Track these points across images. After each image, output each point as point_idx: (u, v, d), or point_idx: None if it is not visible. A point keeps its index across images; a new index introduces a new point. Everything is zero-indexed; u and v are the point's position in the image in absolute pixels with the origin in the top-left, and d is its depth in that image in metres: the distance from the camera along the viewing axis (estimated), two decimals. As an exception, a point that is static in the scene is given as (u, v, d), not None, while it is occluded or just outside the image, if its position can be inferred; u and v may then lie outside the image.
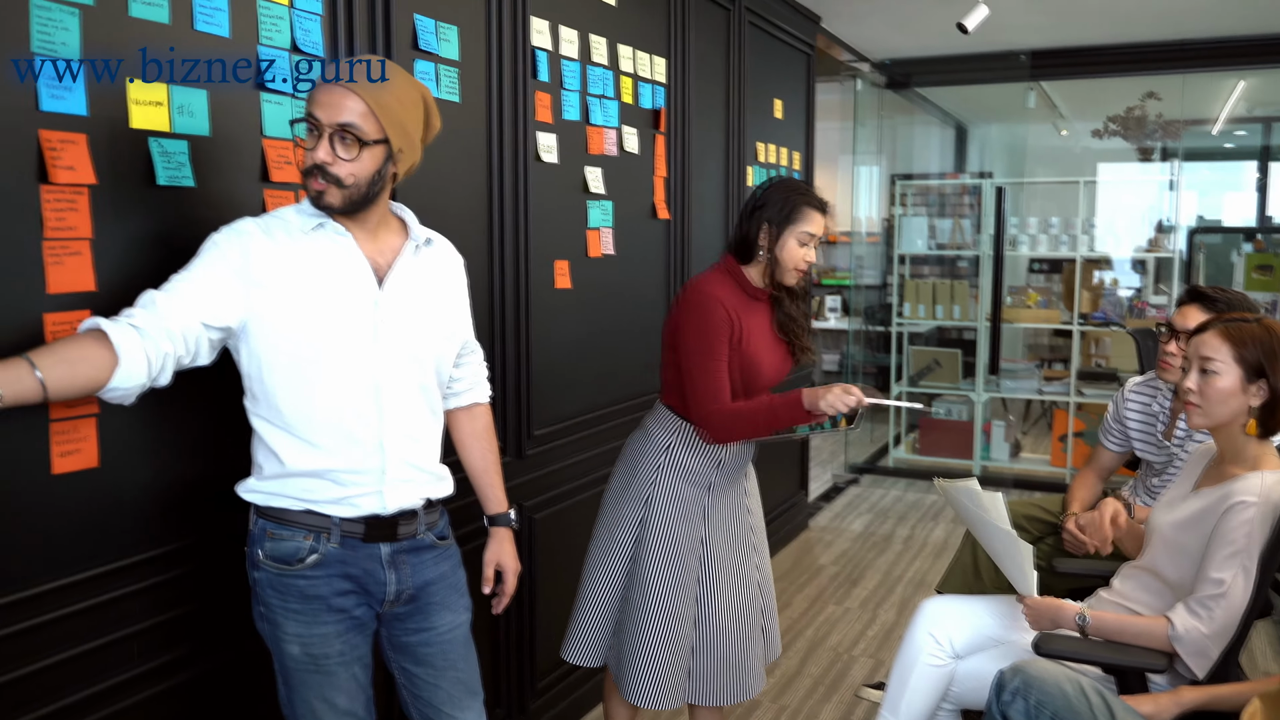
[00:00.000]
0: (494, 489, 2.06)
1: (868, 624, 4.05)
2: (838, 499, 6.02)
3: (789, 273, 2.40)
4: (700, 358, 2.30)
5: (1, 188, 1.55)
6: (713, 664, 2.47)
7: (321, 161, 1.64)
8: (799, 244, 2.38)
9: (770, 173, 4.71)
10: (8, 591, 1.59)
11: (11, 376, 1.40)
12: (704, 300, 2.33)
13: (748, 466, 2.60)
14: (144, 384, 1.54)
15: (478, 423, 2.05)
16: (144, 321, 1.55)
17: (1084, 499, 3.00)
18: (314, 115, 1.64)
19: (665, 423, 2.46)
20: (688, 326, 2.34)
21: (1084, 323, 6.30)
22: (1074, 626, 2.16)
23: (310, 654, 1.74)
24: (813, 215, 2.38)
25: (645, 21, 3.48)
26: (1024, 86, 6.91)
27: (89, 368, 1.48)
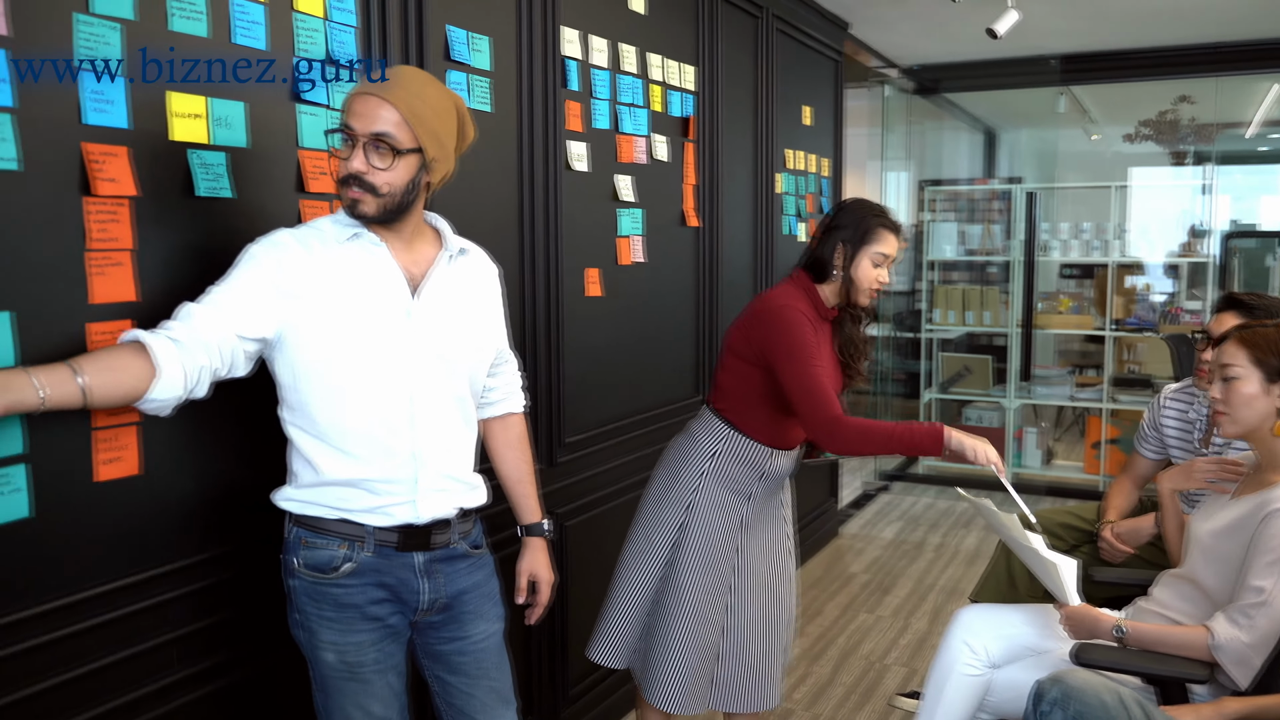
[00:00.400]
0: (528, 499, 2.07)
1: (900, 632, 4.03)
2: (868, 506, 5.98)
3: (863, 292, 2.42)
4: (803, 368, 2.29)
5: (47, 200, 1.57)
6: (737, 672, 2.47)
7: (357, 171, 1.66)
8: (873, 264, 2.40)
9: (800, 180, 4.71)
10: (53, 597, 1.62)
11: (54, 380, 1.42)
12: (792, 315, 2.33)
13: (788, 480, 2.60)
14: (180, 396, 1.56)
15: (511, 432, 2.05)
16: (182, 335, 1.56)
17: (1120, 507, 2.97)
18: (349, 125, 1.66)
19: (713, 429, 2.46)
20: (779, 341, 2.32)
21: (1117, 328, 6.23)
22: (1111, 636, 2.14)
23: (345, 662, 1.75)
24: (887, 236, 2.40)
25: (674, 30, 3.49)
26: (1054, 91, 6.85)
27: (129, 377, 1.50)
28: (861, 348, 2.52)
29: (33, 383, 1.39)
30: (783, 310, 2.35)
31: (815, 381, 2.27)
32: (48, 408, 1.41)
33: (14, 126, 1.52)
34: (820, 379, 2.28)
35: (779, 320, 2.34)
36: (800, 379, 2.28)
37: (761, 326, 2.37)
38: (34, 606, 1.59)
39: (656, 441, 3.44)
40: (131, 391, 1.51)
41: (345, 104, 1.68)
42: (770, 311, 2.36)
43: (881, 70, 6.44)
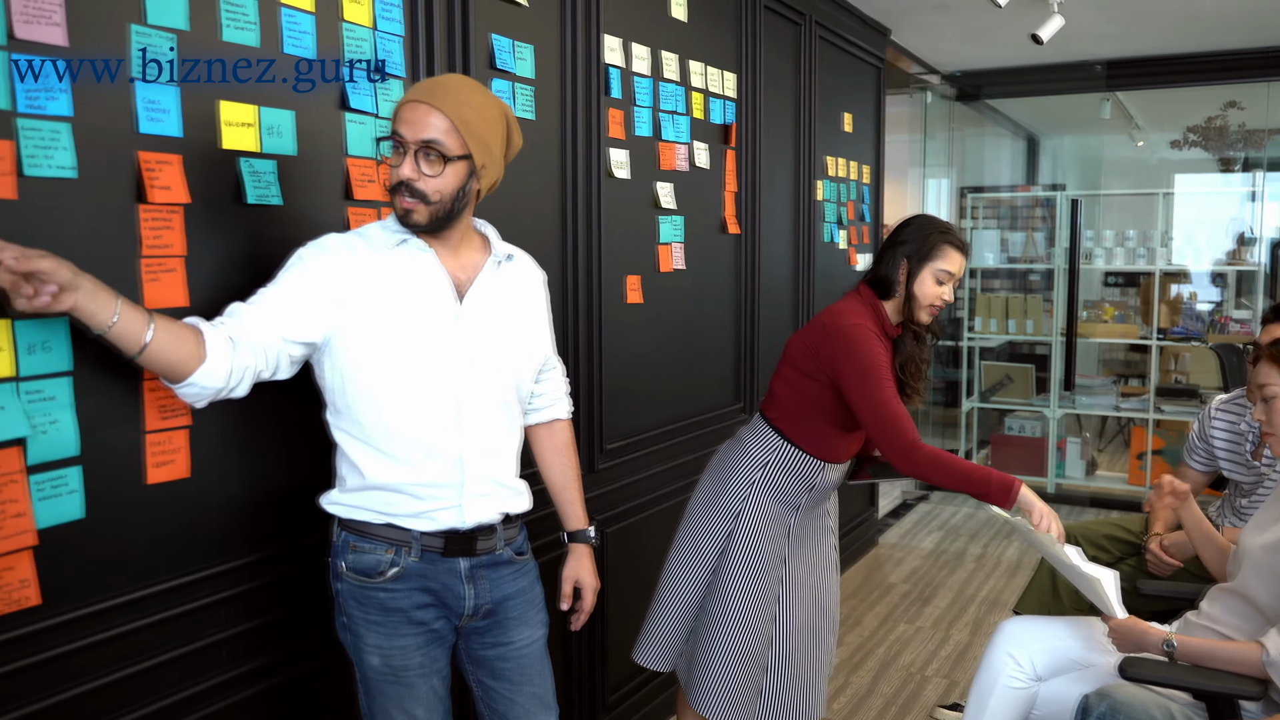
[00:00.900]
0: (574, 505, 2.07)
1: (940, 643, 3.99)
2: (907, 516, 5.94)
3: (923, 309, 2.40)
4: (876, 390, 2.26)
5: (102, 207, 1.60)
6: (784, 684, 2.46)
7: (407, 178, 1.67)
8: (936, 281, 2.38)
9: (840, 187, 4.69)
10: (105, 597, 1.65)
11: (130, 316, 1.45)
12: (863, 333, 2.32)
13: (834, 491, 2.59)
14: (218, 389, 1.58)
15: (558, 438, 2.06)
16: (236, 333, 1.59)
17: (1168, 520, 2.92)
18: (399, 133, 1.68)
19: (764, 438, 2.45)
20: (852, 361, 2.30)
21: (1163, 337, 6.14)
22: (1160, 650, 2.11)
23: (390, 665, 1.76)
24: (952, 254, 2.38)
25: (716, 37, 3.49)
26: (1099, 97, 6.77)
27: (184, 352, 1.52)
28: (921, 367, 2.49)
29: (114, 306, 1.43)
30: (855, 329, 2.32)
31: (889, 404, 2.25)
32: (108, 337, 1.44)
33: (71, 135, 1.55)
34: (895, 401, 2.27)
35: (851, 339, 2.31)
36: (875, 401, 2.26)
37: (832, 343, 2.34)
38: (87, 606, 1.62)
39: (696, 449, 3.44)
40: (180, 365, 1.52)
41: (395, 112, 1.70)
42: (842, 330, 2.33)
43: (923, 76, 6.41)
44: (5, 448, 1.48)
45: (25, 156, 1.49)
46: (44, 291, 1.35)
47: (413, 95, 1.68)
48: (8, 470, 1.48)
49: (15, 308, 1.37)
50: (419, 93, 1.68)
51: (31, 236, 1.49)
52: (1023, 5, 4.53)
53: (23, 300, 1.35)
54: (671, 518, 2.66)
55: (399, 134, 1.67)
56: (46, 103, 1.51)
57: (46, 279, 1.35)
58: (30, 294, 1.35)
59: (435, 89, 1.68)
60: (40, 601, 1.55)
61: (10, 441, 1.48)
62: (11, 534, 1.49)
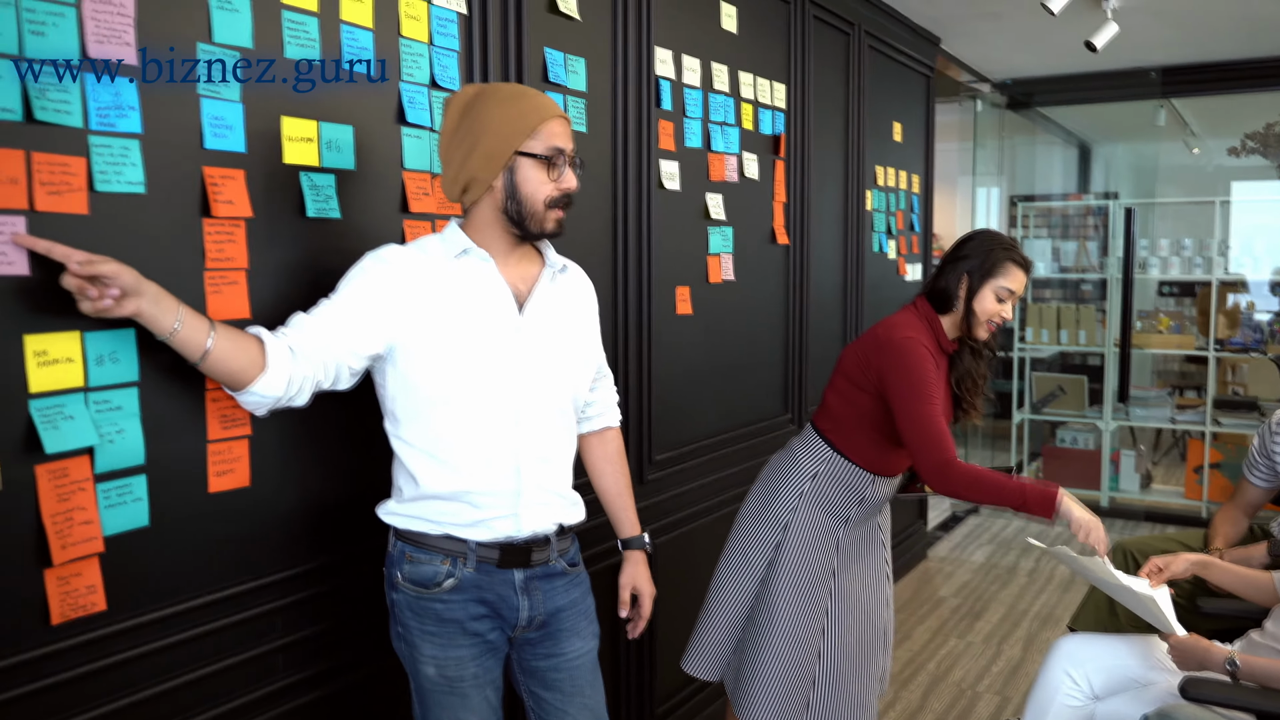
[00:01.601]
0: (627, 511, 2.08)
1: (992, 659, 3.94)
2: (957, 529, 5.87)
3: (981, 326, 2.38)
4: (920, 406, 2.25)
5: (169, 221, 1.64)
6: (832, 697, 2.44)
7: (575, 189, 1.76)
8: (997, 298, 2.36)
9: (890, 196, 4.66)
10: (168, 604, 1.68)
11: (192, 323, 1.50)
12: (915, 347, 2.30)
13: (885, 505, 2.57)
14: (278, 398, 1.60)
15: (609, 446, 2.07)
16: (296, 343, 1.62)
17: (1228, 535, 2.87)
18: (560, 149, 1.73)
19: (814, 449, 2.44)
20: (898, 372, 2.29)
21: (1220, 348, 6.02)
22: (1223, 670, 2.06)
23: (445, 676, 1.78)
24: (1014, 271, 2.37)
25: (766, 48, 3.49)
26: (1154, 104, 6.67)
27: (245, 360, 1.55)
28: (979, 383, 2.46)
29: (177, 313, 1.48)
30: (906, 342, 2.31)
31: (931, 420, 2.23)
32: (172, 343, 1.49)
33: (140, 152, 1.58)
34: (937, 418, 2.25)
35: (902, 352, 2.30)
36: (916, 416, 2.24)
37: (882, 355, 2.33)
38: (150, 612, 1.65)
39: (745, 460, 3.43)
40: (240, 374, 1.55)
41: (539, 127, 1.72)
42: (893, 342, 2.32)
43: (973, 84, 6.35)
44: (74, 456, 1.52)
45: (97, 173, 1.52)
46: (107, 294, 1.42)
47: (552, 110, 1.74)
48: (77, 478, 1.52)
49: (81, 309, 1.43)
50: (552, 107, 1.75)
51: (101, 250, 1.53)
52: (1076, 12, 4.47)
53: (88, 303, 1.42)
54: (720, 529, 2.65)
55: (561, 149, 1.73)
56: (117, 120, 1.55)
57: (110, 282, 1.42)
58: (95, 295, 1.41)
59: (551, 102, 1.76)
60: (106, 607, 1.58)
61: (79, 450, 1.52)
62: (80, 540, 1.53)
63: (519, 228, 1.76)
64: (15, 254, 1.43)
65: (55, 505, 1.49)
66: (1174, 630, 2.15)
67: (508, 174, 1.73)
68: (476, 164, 1.72)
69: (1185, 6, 4.65)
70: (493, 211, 1.76)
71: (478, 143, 1.71)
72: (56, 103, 1.47)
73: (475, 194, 1.75)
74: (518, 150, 1.72)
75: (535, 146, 1.72)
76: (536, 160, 1.73)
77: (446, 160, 1.76)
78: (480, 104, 1.73)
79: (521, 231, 1.77)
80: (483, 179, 1.73)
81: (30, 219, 1.45)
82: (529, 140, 1.72)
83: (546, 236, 1.79)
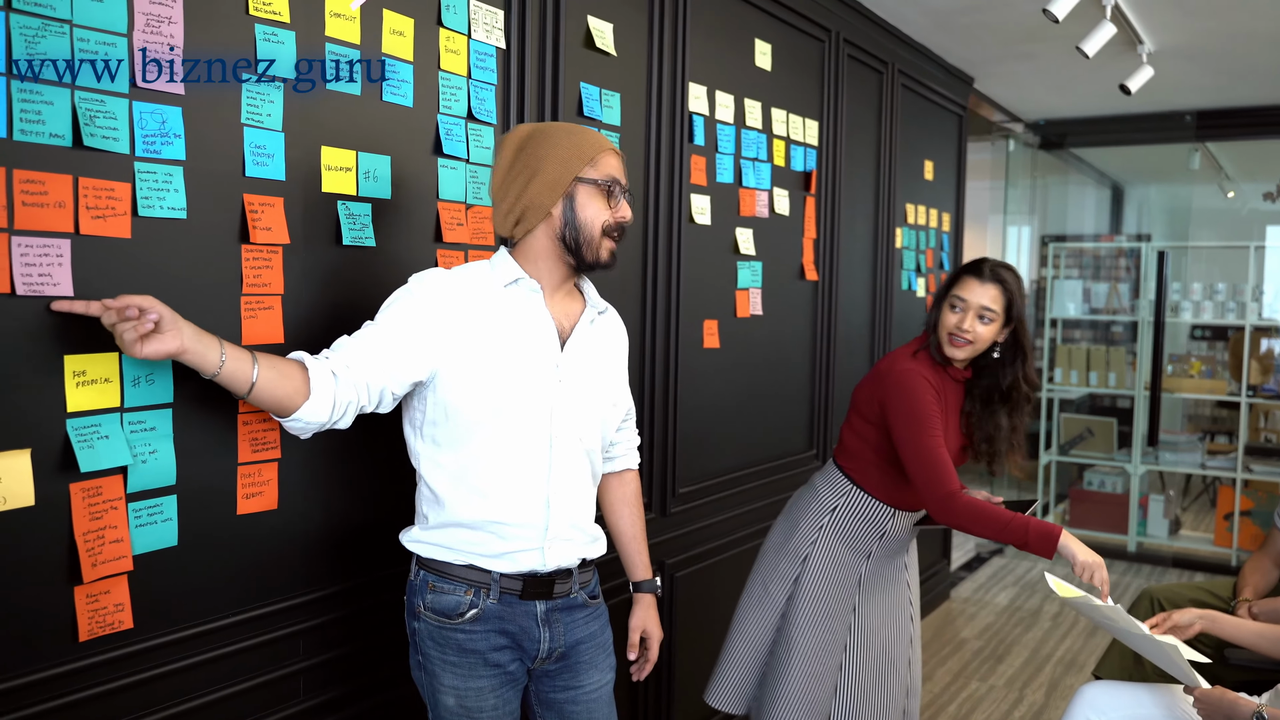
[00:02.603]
0: (641, 555, 2.09)
1: (1014, 704, 3.89)
2: (980, 570, 5.81)
3: (944, 343, 2.35)
4: (919, 437, 2.24)
5: (208, 246, 1.67)
6: None
7: (630, 219, 1.81)
8: (950, 308, 2.35)
9: (919, 234, 4.66)
10: (193, 624, 1.70)
11: (237, 357, 1.50)
12: (911, 378, 2.30)
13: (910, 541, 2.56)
14: (323, 423, 1.62)
15: (628, 488, 2.08)
16: (340, 368, 1.63)
17: (1258, 585, 2.83)
18: (616, 180, 1.78)
19: (835, 484, 2.45)
20: (898, 406, 2.29)
21: (1253, 394, 5.95)
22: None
23: (465, 706, 1.78)
24: (965, 280, 2.34)
25: (799, 85, 3.52)
26: (1188, 147, 6.64)
27: (290, 388, 1.56)
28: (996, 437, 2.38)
29: (220, 350, 1.48)
30: (904, 374, 2.31)
31: (931, 452, 2.22)
32: (220, 379, 1.50)
33: (184, 179, 1.62)
34: (937, 450, 2.23)
35: (899, 384, 2.30)
36: (916, 447, 2.24)
37: (883, 388, 2.34)
38: (177, 631, 1.67)
39: (769, 495, 3.42)
40: (286, 402, 1.57)
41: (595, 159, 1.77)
42: (892, 374, 2.33)
43: (1006, 124, 6.35)
44: (108, 475, 1.54)
45: (141, 198, 1.56)
46: (147, 319, 1.41)
47: (605, 145, 1.79)
48: (110, 497, 1.54)
49: (125, 347, 1.41)
50: (608, 142, 1.81)
51: (140, 273, 1.57)
52: (1111, 55, 4.48)
53: (130, 331, 1.40)
54: (743, 563, 2.65)
55: (617, 180, 1.78)
56: (162, 147, 1.59)
57: (145, 310, 1.41)
58: (135, 316, 1.40)
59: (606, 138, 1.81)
60: (133, 625, 1.60)
61: (113, 470, 1.55)
62: (110, 559, 1.55)
63: (574, 256, 1.78)
64: (60, 275, 1.46)
65: (87, 523, 1.52)
66: (1196, 682, 2.12)
67: (567, 201, 1.75)
68: (536, 190, 1.74)
69: (1220, 51, 4.64)
70: (548, 240, 1.78)
71: (538, 171, 1.74)
72: (105, 129, 1.51)
73: (531, 222, 1.76)
74: (578, 177, 1.75)
75: (594, 174, 1.76)
76: (596, 187, 1.76)
77: (502, 194, 1.78)
78: (537, 138, 1.77)
79: (576, 260, 1.78)
80: (542, 205, 1.75)
81: (74, 241, 1.48)
82: (588, 168, 1.76)
83: (600, 267, 1.80)
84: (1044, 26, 4.04)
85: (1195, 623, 2.30)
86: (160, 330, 1.42)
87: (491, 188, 1.80)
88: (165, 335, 1.42)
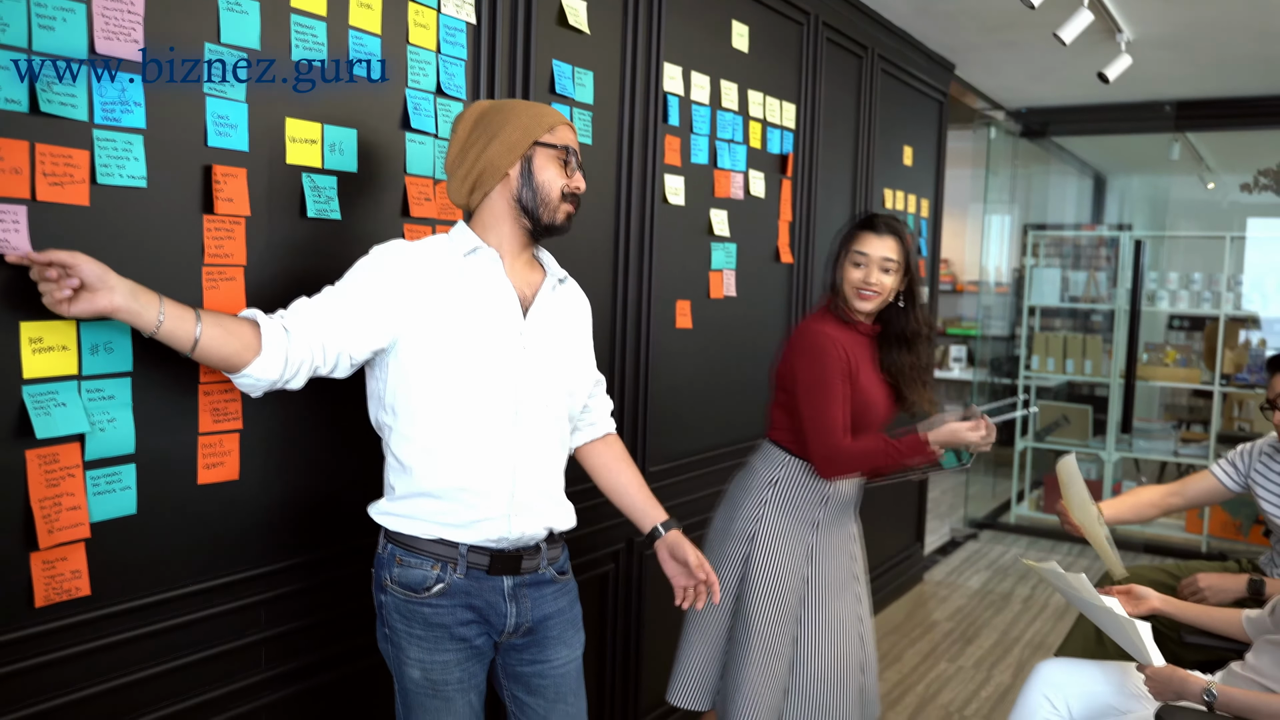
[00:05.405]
0: (651, 498, 2.04)
1: (981, 684, 3.93)
2: (955, 553, 5.86)
3: (852, 296, 2.42)
4: (816, 395, 2.33)
5: (169, 216, 1.67)
6: (804, 709, 2.44)
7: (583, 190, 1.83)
8: (854, 264, 2.42)
9: (897, 219, 4.67)
10: (152, 592, 1.70)
11: (176, 314, 1.51)
12: (816, 338, 2.37)
13: (854, 509, 2.58)
14: (274, 381, 1.62)
15: (615, 448, 2.08)
16: (293, 325, 1.63)
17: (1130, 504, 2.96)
18: (575, 150, 1.80)
19: (771, 458, 2.47)
20: (801, 365, 2.37)
21: (1226, 383, 6.01)
22: (1200, 700, 2.07)
23: (430, 679, 1.79)
24: (863, 235, 2.41)
25: (777, 68, 3.52)
26: (1168, 137, 6.67)
27: (237, 344, 1.57)
28: (909, 374, 2.45)
29: (158, 306, 1.48)
30: (814, 335, 2.38)
31: (825, 410, 2.31)
32: (159, 336, 1.50)
33: (144, 147, 1.62)
34: (830, 407, 2.31)
35: (808, 345, 2.38)
36: (813, 408, 2.34)
37: (791, 353, 2.42)
38: (135, 599, 1.68)
39: (739, 475, 3.44)
40: (234, 358, 1.57)
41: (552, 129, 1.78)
42: (803, 337, 2.42)
43: (987, 112, 6.36)
44: (65, 443, 1.55)
45: (99, 166, 1.56)
46: (65, 284, 1.41)
47: (563, 119, 1.81)
48: (66, 465, 1.55)
49: (44, 303, 1.42)
50: (563, 116, 1.82)
51: (100, 241, 1.57)
52: (1091, 44, 4.49)
53: (47, 295, 1.41)
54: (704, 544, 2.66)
55: (576, 151, 1.80)
56: (122, 115, 1.58)
57: (70, 271, 1.41)
58: (54, 277, 1.40)
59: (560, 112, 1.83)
60: (90, 592, 1.61)
61: (70, 437, 1.55)
62: (67, 525, 1.55)
63: (530, 219, 1.79)
64: (17, 240, 1.46)
65: (44, 490, 1.52)
66: (1150, 660, 2.15)
67: (524, 163, 1.77)
68: (495, 152, 1.76)
69: (1199, 42, 4.66)
70: (505, 203, 1.79)
71: (496, 135, 1.76)
72: (62, 96, 1.50)
73: (488, 185, 1.78)
74: (537, 141, 1.77)
75: (552, 140, 1.78)
76: (554, 151, 1.78)
77: (458, 162, 1.79)
78: (496, 109, 1.79)
79: (533, 223, 1.80)
80: (500, 166, 1.76)
81: (31, 208, 1.48)
82: (547, 134, 1.78)
83: (556, 230, 1.82)
84: (1025, 14, 4.05)
85: (1151, 598, 2.33)
86: (89, 289, 1.42)
87: (448, 159, 1.81)
88: (95, 294, 1.43)
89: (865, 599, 2.61)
